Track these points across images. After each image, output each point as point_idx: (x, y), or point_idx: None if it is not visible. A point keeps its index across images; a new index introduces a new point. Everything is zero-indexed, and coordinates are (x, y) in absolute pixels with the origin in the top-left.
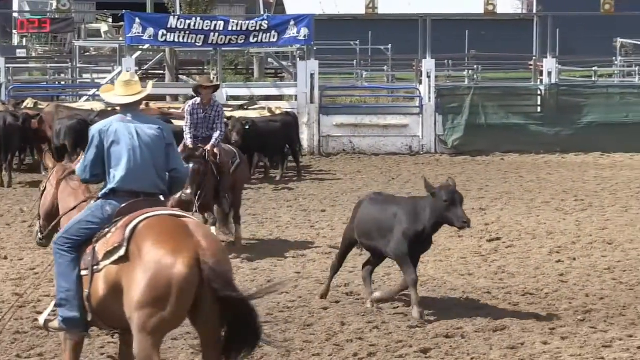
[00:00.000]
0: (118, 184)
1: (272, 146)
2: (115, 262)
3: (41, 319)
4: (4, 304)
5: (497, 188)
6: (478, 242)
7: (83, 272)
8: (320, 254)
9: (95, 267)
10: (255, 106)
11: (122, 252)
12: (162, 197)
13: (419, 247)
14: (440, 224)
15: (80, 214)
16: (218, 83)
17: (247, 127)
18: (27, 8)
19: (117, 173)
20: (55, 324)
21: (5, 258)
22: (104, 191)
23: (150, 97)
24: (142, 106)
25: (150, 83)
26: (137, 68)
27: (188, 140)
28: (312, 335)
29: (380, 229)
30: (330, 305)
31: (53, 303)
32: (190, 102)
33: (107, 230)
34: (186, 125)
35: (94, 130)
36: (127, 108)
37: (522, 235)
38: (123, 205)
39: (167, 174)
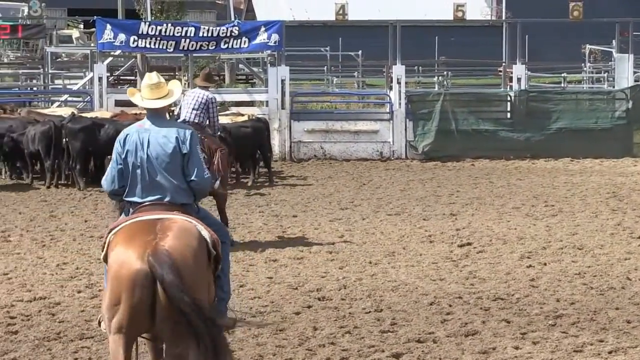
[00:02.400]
0: (131, 195)
1: (244, 152)
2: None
3: None
4: None
5: (468, 193)
6: (449, 247)
7: None
8: (292, 259)
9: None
10: (227, 112)
11: (104, 253)
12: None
13: None
14: None
15: None
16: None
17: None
18: None
19: (131, 184)
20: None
21: None
22: (125, 201)
23: (122, 104)
24: (117, 111)
25: (179, 84)
26: (109, 74)
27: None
28: (284, 340)
29: None
30: (302, 310)
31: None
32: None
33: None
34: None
35: (118, 139)
36: (154, 113)
37: (493, 241)
38: (136, 209)
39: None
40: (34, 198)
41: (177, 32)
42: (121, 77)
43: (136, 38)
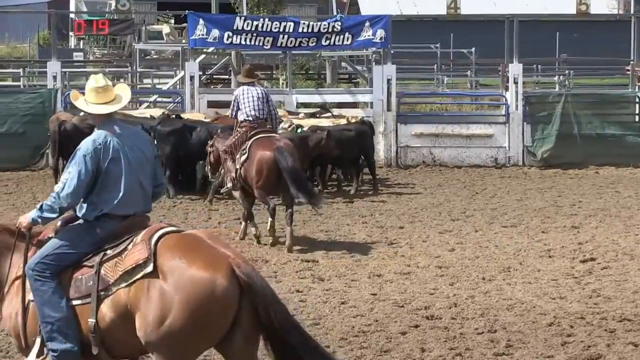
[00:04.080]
0: (112, 208)
1: (346, 157)
2: (135, 282)
3: None
4: None
5: (591, 204)
6: (570, 263)
7: (76, 302)
8: (398, 274)
9: (102, 293)
10: (328, 114)
11: (149, 268)
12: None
13: None
14: None
15: (58, 239)
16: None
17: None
18: (84, 8)
19: (112, 195)
20: None
21: None
22: (93, 214)
23: (215, 105)
24: (215, 114)
25: (127, 88)
26: (201, 73)
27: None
28: None
29: None
30: (409, 330)
31: (38, 341)
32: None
33: (113, 251)
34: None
35: (87, 146)
36: (107, 118)
37: (619, 256)
38: (123, 223)
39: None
40: None
41: (275, 28)
42: (214, 76)
43: (231, 34)
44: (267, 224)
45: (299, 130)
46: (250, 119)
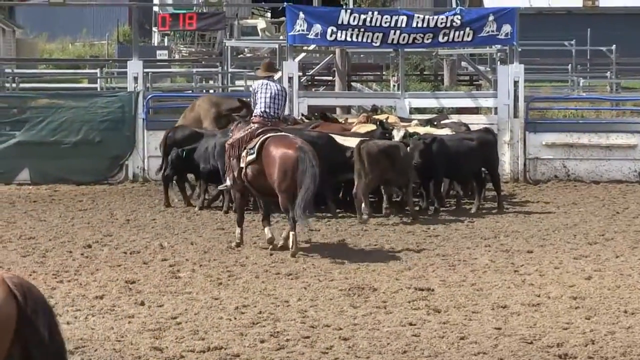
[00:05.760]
0: None
1: (466, 170)
2: None
3: None
4: None
5: None
6: None
7: None
8: (525, 305)
9: None
10: (446, 121)
11: None
12: None
13: None
14: None
15: None
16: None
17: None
18: (169, 1)
19: None
20: None
21: (142, 304)
22: None
23: (316, 109)
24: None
25: None
26: (301, 73)
27: None
28: None
29: None
30: None
31: None
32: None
33: None
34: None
35: None
36: None
37: None
38: None
39: None
40: (208, 225)
41: (386, 22)
42: (316, 77)
43: (335, 29)
44: (284, 233)
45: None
46: (264, 115)
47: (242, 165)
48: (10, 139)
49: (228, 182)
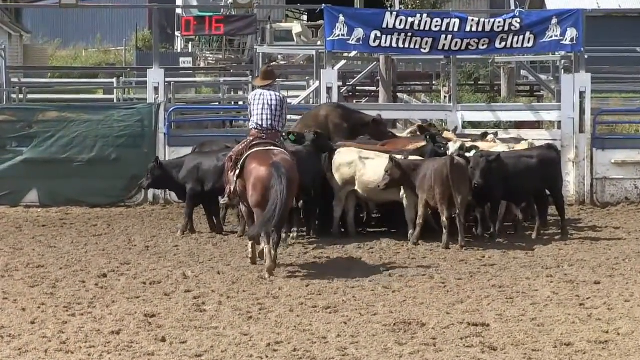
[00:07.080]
0: None
1: (526, 191)
2: None
3: None
4: None
5: None
6: None
7: None
8: (592, 342)
9: None
10: (505, 136)
11: None
12: None
13: None
14: None
15: None
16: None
17: None
18: (194, 2)
19: None
20: None
21: (163, 340)
22: None
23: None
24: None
25: None
26: (341, 83)
27: None
28: None
29: None
30: None
31: None
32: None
33: None
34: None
35: None
36: None
37: None
38: None
39: None
40: (237, 253)
41: (436, 26)
42: (358, 88)
43: (379, 34)
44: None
45: (473, 152)
46: (258, 127)
47: (234, 178)
48: (16, 156)
49: (225, 199)
